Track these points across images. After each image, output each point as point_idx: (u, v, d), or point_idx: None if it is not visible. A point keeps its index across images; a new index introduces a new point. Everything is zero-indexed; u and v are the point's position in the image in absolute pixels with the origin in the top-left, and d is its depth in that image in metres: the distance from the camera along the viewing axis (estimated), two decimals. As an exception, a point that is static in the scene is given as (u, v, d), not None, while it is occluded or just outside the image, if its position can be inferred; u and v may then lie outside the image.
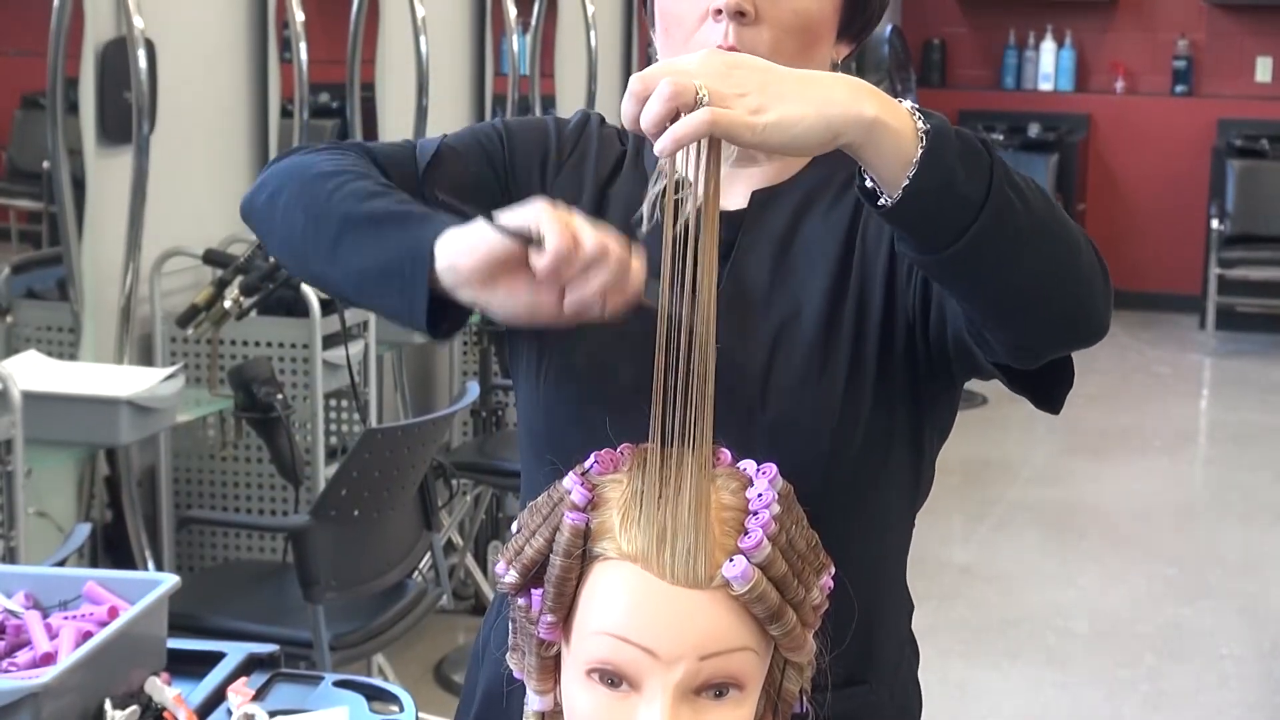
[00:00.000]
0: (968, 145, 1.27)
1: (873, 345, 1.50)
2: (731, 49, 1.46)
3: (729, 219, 1.52)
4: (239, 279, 3.65)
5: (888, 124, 1.24)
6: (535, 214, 1.31)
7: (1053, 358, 1.42)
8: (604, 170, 1.62)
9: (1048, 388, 1.47)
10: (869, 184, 1.28)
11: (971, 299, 1.36)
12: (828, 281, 1.52)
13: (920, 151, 1.24)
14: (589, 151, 1.63)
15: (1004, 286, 1.32)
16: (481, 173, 1.61)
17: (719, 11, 1.47)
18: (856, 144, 1.25)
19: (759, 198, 1.57)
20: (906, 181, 1.24)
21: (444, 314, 1.40)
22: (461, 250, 1.34)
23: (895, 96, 1.28)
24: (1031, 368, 1.42)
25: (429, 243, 1.37)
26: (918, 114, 1.26)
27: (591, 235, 1.30)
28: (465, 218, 1.37)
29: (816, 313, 1.51)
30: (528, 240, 1.31)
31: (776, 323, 1.51)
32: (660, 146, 1.23)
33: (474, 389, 3.96)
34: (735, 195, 1.56)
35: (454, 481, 4.56)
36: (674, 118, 1.22)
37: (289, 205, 1.50)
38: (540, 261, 1.29)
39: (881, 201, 1.27)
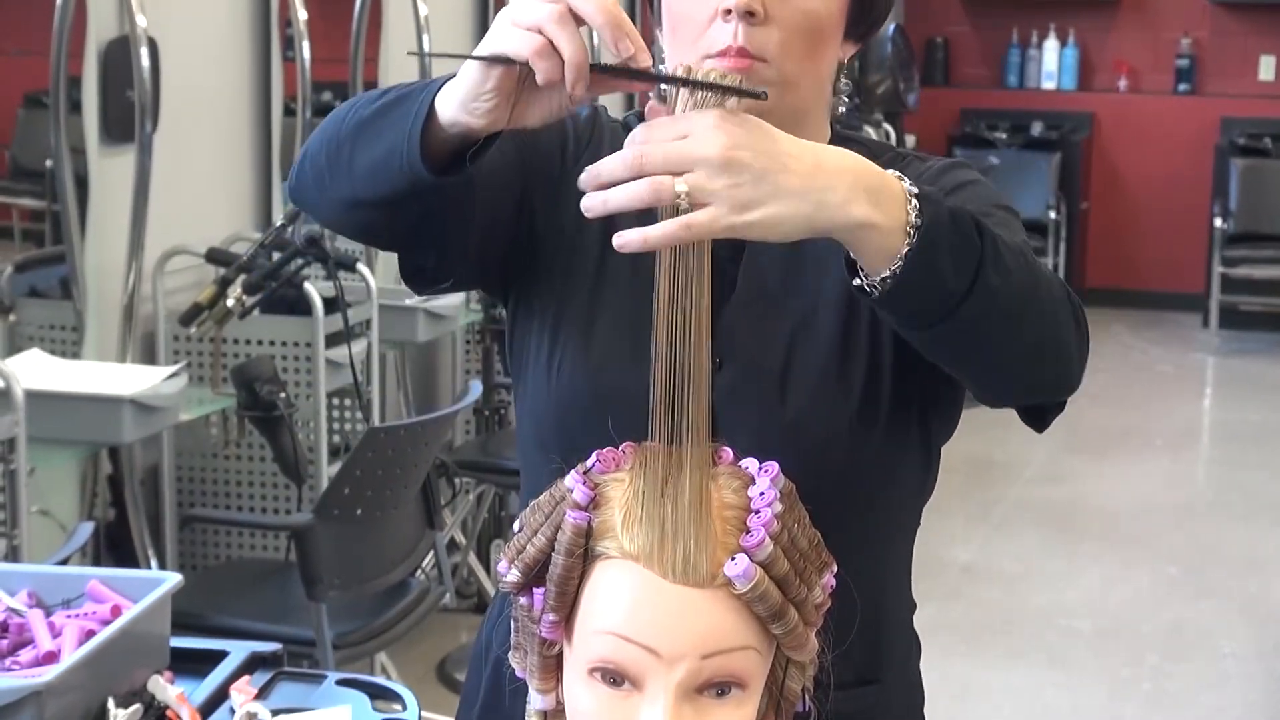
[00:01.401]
0: (960, 234, 1.29)
1: (889, 336, 1.50)
2: (741, 50, 1.45)
3: None
4: (242, 277, 3.66)
5: (876, 225, 1.26)
6: (512, 37, 1.27)
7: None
8: None
9: (1038, 410, 1.53)
10: (852, 264, 1.32)
11: (952, 368, 1.41)
12: (839, 280, 1.52)
13: (906, 249, 1.27)
14: (603, 143, 1.62)
15: (984, 361, 1.38)
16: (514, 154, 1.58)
17: (729, 11, 1.45)
18: (841, 240, 1.29)
19: None
20: (887, 274, 1.28)
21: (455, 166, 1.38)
22: (461, 103, 1.32)
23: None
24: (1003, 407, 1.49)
25: (428, 99, 1.35)
26: (913, 203, 1.28)
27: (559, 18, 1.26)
28: None
29: (836, 307, 1.51)
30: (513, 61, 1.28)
31: (794, 320, 1.52)
32: (621, 241, 1.25)
33: (476, 387, 3.96)
34: None
35: (457, 480, 4.56)
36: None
37: (315, 158, 1.48)
38: (539, 77, 1.27)
39: (858, 283, 1.31)
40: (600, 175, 1.26)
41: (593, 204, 1.26)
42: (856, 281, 1.31)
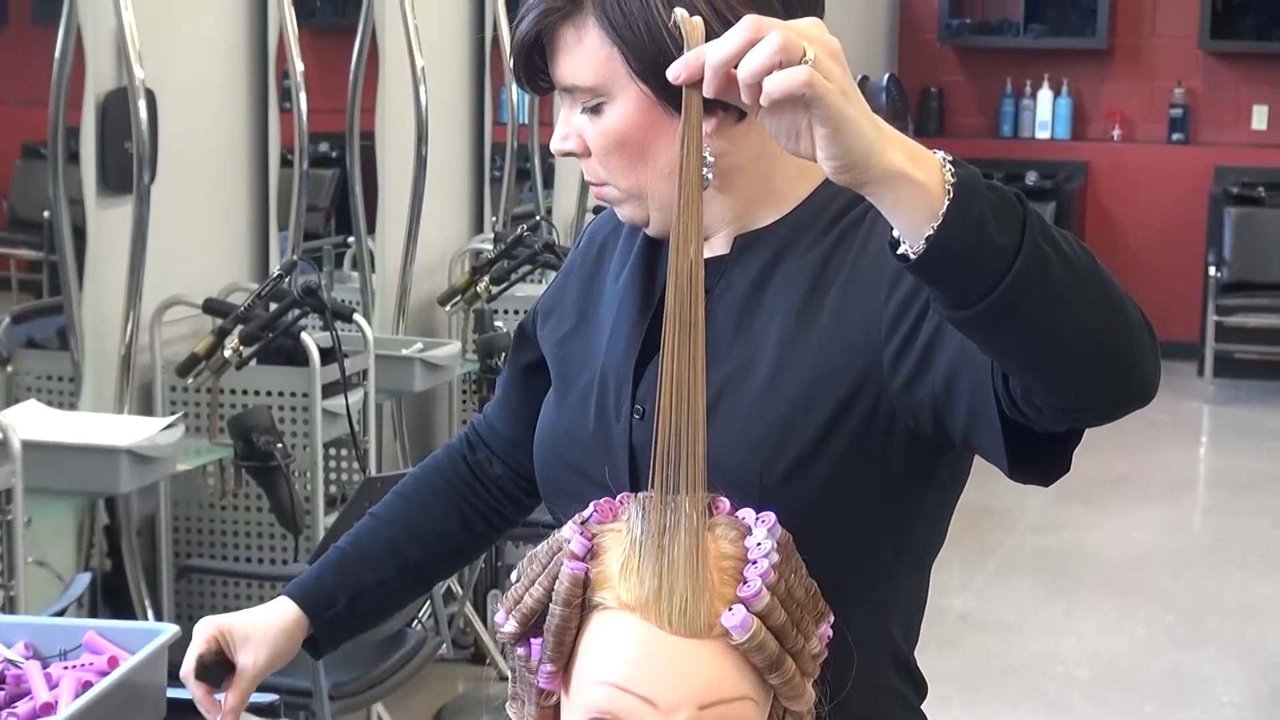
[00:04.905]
0: (999, 196, 1.25)
1: (831, 401, 1.47)
2: (589, 182, 1.57)
3: (709, 266, 1.51)
4: (239, 328, 3.66)
5: (911, 178, 1.23)
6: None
7: (1106, 419, 1.36)
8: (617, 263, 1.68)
9: (1039, 461, 1.44)
10: (898, 241, 1.26)
11: (1011, 357, 1.31)
12: (788, 323, 1.50)
13: (946, 203, 1.22)
14: (610, 242, 1.69)
15: (1044, 344, 1.28)
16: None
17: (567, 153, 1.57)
18: (877, 196, 1.24)
19: (740, 243, 1.55)
20: (929, 231, 1.22)
21: None
22: None
23: None
24: (1083, 426, 1.38)
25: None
26: (947, 166, 1.24)
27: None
28: None
29: (769, 358, 1.49)
30: None
31: (730, 367, 1.50)
32: (754, 97, 1.21)
33: (473, 437, 3.96)
34: (717, 241, 1.55)
35: (453, 530, 4.54)
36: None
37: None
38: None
39: (902, 251, 1.24)
40: (714, 51, 1.22)
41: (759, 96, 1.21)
42: (901, 250, 1.25)
